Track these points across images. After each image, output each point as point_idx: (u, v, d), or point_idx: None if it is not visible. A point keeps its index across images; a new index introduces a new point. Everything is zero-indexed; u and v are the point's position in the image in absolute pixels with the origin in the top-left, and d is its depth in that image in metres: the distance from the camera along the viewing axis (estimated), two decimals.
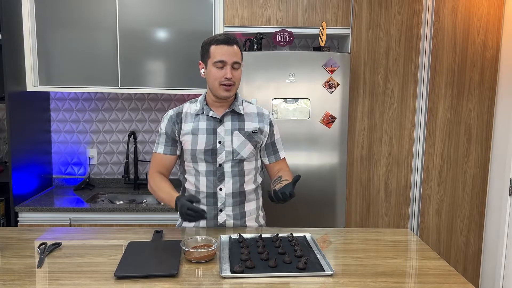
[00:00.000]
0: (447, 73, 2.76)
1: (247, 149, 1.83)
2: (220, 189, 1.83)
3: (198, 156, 1.81)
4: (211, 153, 1.81)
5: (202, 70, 1.83)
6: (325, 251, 1.62)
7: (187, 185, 1.89)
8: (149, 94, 3.06)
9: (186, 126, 1.83)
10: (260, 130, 1.86)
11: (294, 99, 2.55)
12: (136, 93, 3.07)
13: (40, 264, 1.46)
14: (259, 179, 1.94)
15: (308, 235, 1.73)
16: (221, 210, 1.84)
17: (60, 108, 3.07)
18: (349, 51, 2.69)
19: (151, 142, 3.12)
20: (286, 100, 2.55)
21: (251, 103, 1.94)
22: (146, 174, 3.13)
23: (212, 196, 1.83)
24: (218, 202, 1.83)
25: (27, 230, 1.86)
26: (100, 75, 2.71)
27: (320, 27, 2.65)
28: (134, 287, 1.31)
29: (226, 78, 1.73)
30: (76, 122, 3.09)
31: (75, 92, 3.05)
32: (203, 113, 1.83)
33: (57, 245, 1.60)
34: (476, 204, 2.88)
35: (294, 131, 2.55)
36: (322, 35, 2.65)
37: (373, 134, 2.79)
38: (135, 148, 3.07)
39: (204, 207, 1.84)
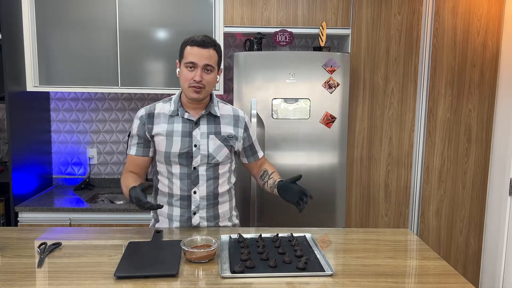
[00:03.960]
0: (447, 73, 2.76)
1: (222, 153, 1.82)
2: (194, 192, 1.81)
3: (173, 158, 1.78)
4: (186, 156, 1.78)
5: (177, 70, 1.80)
6: (325, 251, 1.62)
7: (160, 186, 1.86)
8: (149, 94, 3.06)
9: (160, 127, 1.79)
10: (235, 137, 1.85)
11: (294, 99, 2.55)
12: (136, 93, 3.07)
13: (40, 264, 1.46)
14: (233, 180, 1.93)
15: (308, 235, 1.73)
16: (194, 213, 1.83)
17: (60, 108, 3.07)
18: (349, 51, 2.69)
19: None
20: (286, 100, 2.55)
21: (226, 103, 1.92)
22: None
23: (186, 199, 1.81)
24: (192, 205, 1.82)
25: (27, 230, 1.85)
26: (100, 75, 2.71)
27: (320, 27, 2.65)
28: (134, 287, 1.31)
29: (194, 80, 1.71)
30: (76, 122, 3.09)
31: (75, 92, 3.05)
32: (178, 114, 1.80)
33: (57, 245, 1.60)
34: (476, 204, 2.88)
35: (294, 131, 2.56)
36: (322, 35, 2.65)
37: (373, 134, 2.79)
38: None
39: (177, 210, 1.83)
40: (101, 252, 1.56)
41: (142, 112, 1.83)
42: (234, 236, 1.69)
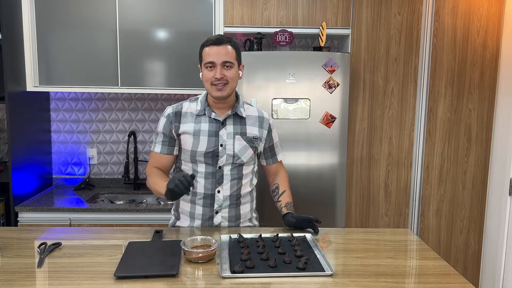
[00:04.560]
0: (447, 73, 2.76)
1: (247, 154, 1.84)
2: (218, 191, 1.82)
3: (198, 157, 1.80)
4: (212, 155, 1.80)
5: (200, 74, 1.82)
6: (325, 251, 1.62)
7: None
8: (149, 94, 3.06)
9: (186, 126, 1.81)
10: (260, 138, 1.88)
11: (294, 99, 2.55)
12: (136, 93, 3.07)
13: (40, 264, 1.46)
14: (254, 182, 1.95)
15: (308, 235, 1.73)
16: (217, 212, 1.84)
17: (60, 108, 3.07)
18: (349, 51, 2.69)
19: (151, 142, 3.12)
20: (286, 100, 2.55)
21: (251, 105, 1.94)
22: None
23: (209, 197, 1.83)
24: (215, 204, 1.83)
25: (27, 230, 1.86)
26: (100, 75, 2.71)
27: (320, 27, 2.65)
28: (134, 287, 1.31)
29: (216, 78, 1.73)
30: (76, 122, 3.09)
31: (75, 92, 3.05)
32: (204, 114, 1.83)
33: (57, 245, 1.60)
34: (476, 204, 2.88)
35: (294, 131, 2.55)
36: (322, 35, 2.65)
37: (373, 134, 2.79)
38: (135, 148, 3.07)
39: (200, 209, 1.84)
40: (101, 252, 1.56)
41: (169, 110, 1.85)
42: (234, 236, 1.69)
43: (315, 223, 1.79)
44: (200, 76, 1.82)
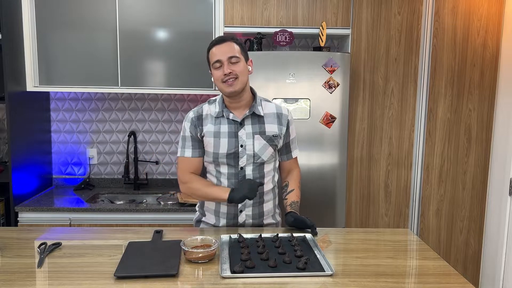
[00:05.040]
0: (447, 73, 2.76)
1: (267, 153, 1.85)
2: None
3: (221, 159, 1.82)
4: (233, 156, 1.82)
5: (212, 78, 1.83)
6: (325, 251, 1.62)
7: None
8: (149, 94, 3.06)
9: (207, 128, 1.83)
10: (279, 136, 1.88)
11: (294, 99, 2.55)
12: (136, 93, 3.07)
13: (40, 264, 1.46)
14: (276, 178, 1.96)
15: (308, 235, 1.73)
16: (241, 211, 1.86)
17: (60, 108, 3.07)
18: (349, 51, 2.69)
19: (151, 142, 3.12)
20: (286, 100, 2.55)
21: (269, 101, 1.94)
22: (147, 174, 3.13)
23: None
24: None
25: (27, 230, 1.86)
26: (100, 75, 2.71)
27: (320, 27, 2.65)
28: (134, 287, 1.31)
29: (225, 74, 1.74)
30: (76, 122, 3.09)
31: (75, 92, 3.05)
32: (223, 115, 1.83)
33: (57, 245, 1.60)
34: (476, 204, 2.88)
35: None
36: (322, 35, 2.65)
37: (373, 134, 2.79)
38: (135, 148, 3.07)
39: (224, 207, 1.87)
40: (101, 252, 1.56)
41: (191, 114, 1.86)
42: (234, 236, 1.69)
43: (311, 226, 1.79)
44: (212, 80, 1.83)
